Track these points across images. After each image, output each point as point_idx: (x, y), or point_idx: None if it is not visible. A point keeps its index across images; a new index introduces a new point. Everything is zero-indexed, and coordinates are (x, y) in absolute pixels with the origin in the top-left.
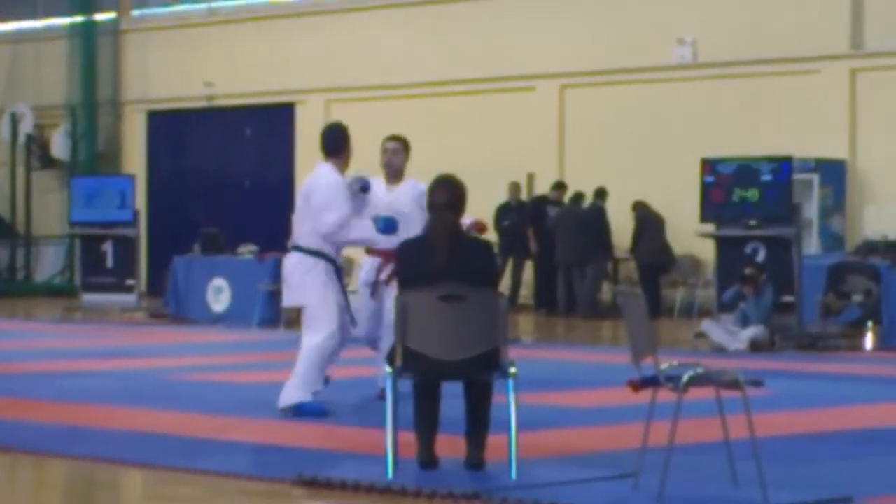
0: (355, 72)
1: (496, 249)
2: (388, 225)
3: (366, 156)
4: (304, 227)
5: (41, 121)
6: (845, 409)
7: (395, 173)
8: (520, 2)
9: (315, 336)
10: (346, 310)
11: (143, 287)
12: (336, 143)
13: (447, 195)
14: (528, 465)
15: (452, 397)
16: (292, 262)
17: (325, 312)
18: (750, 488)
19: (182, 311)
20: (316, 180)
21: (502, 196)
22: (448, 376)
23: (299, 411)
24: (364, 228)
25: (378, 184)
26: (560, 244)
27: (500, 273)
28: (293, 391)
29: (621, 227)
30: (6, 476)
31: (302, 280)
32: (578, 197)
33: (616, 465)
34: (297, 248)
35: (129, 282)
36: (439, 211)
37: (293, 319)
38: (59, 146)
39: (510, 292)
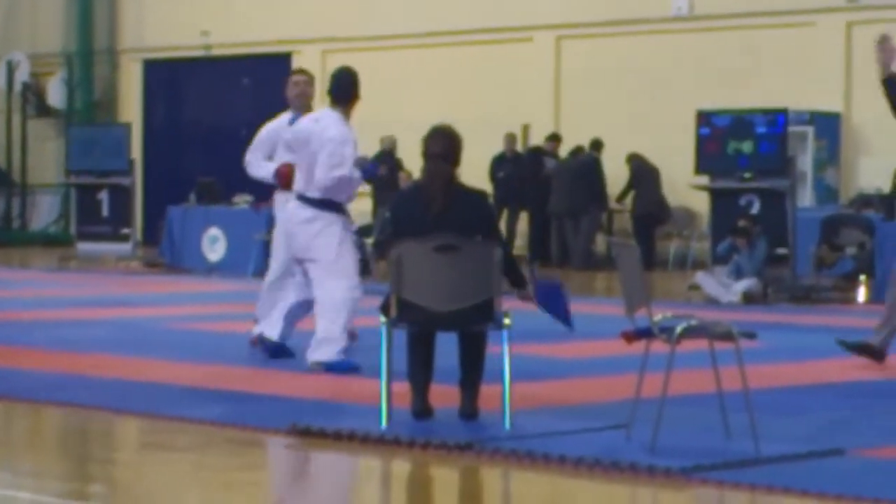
0: (351, 22)
1: (491, 200)
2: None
3: (361, 107)
4: (309, 175)
5: (37, 69)
6: (838, 361)
7: (306, 107)
8: None
9: (336, 290)
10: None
11: (139, 236)
12: (346, 89)
13: (442, 145)
14: (522, 416)
15: (447, 346)
16: (303, 216)
17: (346, 265)
18: (742, 440)
19: (177, 261)
20: (323, 130)
21: (498, 147)
22: (442, 327)
23: (331, 369)
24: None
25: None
26: (555, 195)
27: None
28: (323, 348)
29: (616, 179)
30: (1, 424)
31: (316, 235)
32: (577, 150)
33: (609, 416)
34: (305, 199)
35: (125, 231)
36: (434, 161)
37: None
38: (55, 95)
39: None
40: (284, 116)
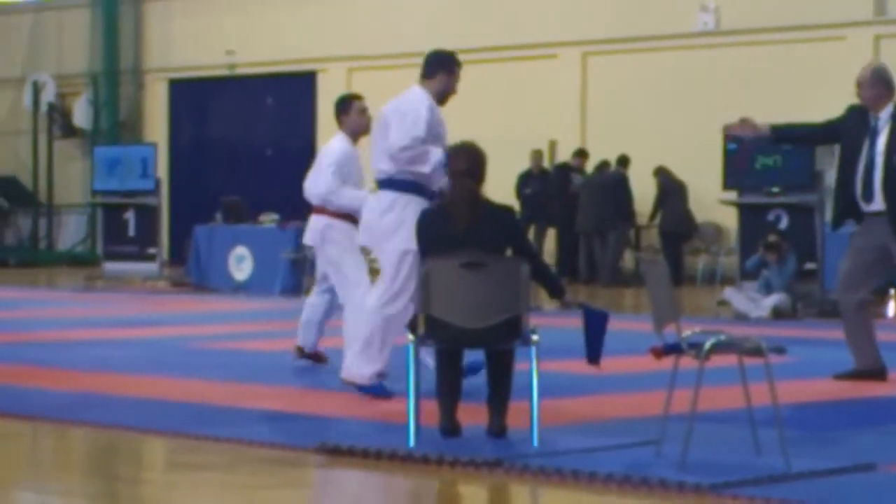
0: (377, 40)
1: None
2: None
3: None
4: (377, 155)
5: (63, 89)
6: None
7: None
8: None
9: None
10: None
11: (165, 256)
12: (435, 65)
13: (466, 162)
14: (551, 433)
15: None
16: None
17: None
18: (772, 456)
19: (204, 280)
20: (411, 106)
21: (524, 164)
22: (470, 344)
23: (363, 392)
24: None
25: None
26: (582, 212)
27: None
28: (358, 363)
29: (643, 195)
30: (28, 444)
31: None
32: (603, 165)
33: (638, 432)
34: (382, 184)
35: (151, 250)
36: (459, 178)
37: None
38: (80, 115)
39: None
40: (345, 142)
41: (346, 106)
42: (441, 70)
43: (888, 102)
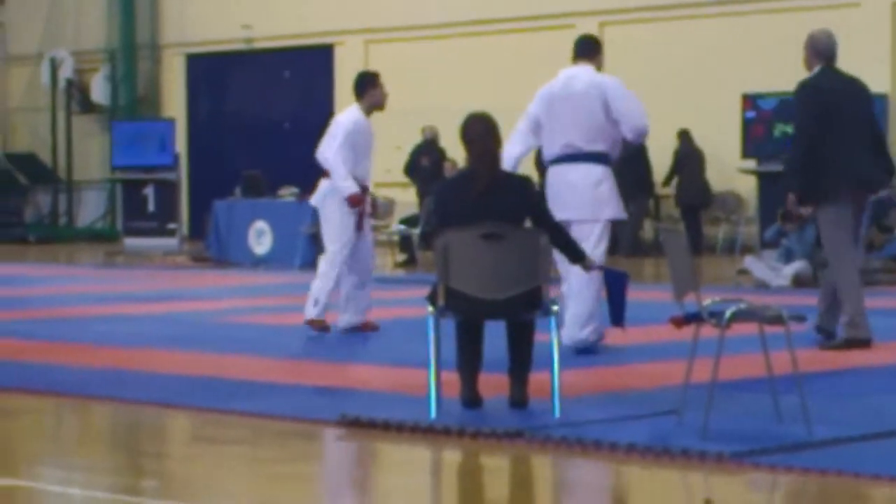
0: (393, 12)
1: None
2: None
3: (404, 97)
4: (580, 131)
5: (81, 66)
6: (889, 343)
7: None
8: None
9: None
10: None
11: (185, 231)
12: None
13: (483, 127)
14: (572, 403)
15: (495, 335)
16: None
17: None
18: (794, 424)
19: (224, 255)
20: (602, 83)
21: None
22: (490, 315)
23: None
24: None
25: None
26: None
27: None
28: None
29: (661, 165)
30: (51, 420)
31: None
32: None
33: (659, 402)
34: (586, 158)
35: (171, 225)
36: (480, 141)
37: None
38: (98, 91)
39: None
40: (358, 114)
41: (374, 80)
42: None
43: (814, 68)
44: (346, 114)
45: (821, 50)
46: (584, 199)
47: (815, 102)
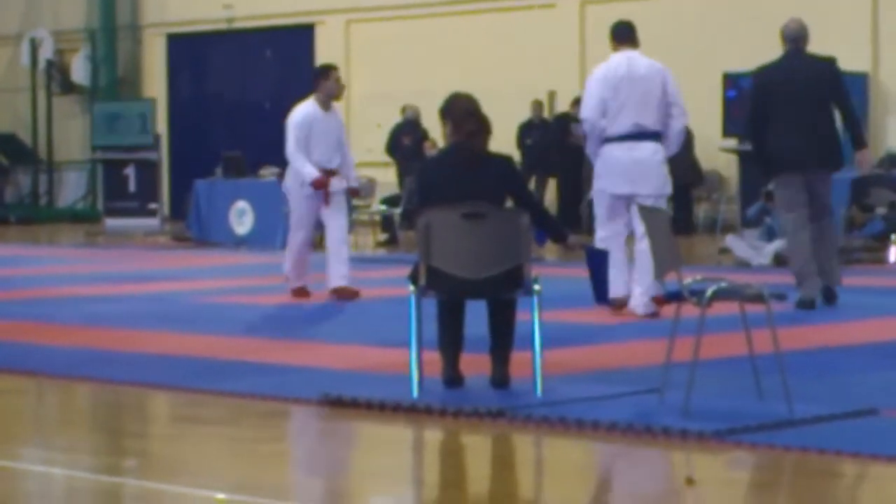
0: None
1: (518, 166)
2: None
3: (386, 77)
4: (647, 111)
5: (61, 46)
6: (869, 321)
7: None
8: None
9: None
10: None
11: (166, 211)
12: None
13: (465, 108)
14: (553, 382)
15: (476, 315)
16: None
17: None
18: (775, 402)
19: (205, 235)
20: (659, 72)
21: (524, 114)
22: (472, 295)
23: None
24: None
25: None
26: (587, 161)
27: None
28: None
29: None
30: (33, 400)
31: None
32: None
33: (641, 380)
34: (653, 136)
35: (152, 206)
36: (461, 125)
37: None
38: (79, 71)
39: None
40: (311, 106)
41: (326, 73)
42: None
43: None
44: (298, 108)
45: (786, 35)
46: (653, 176)
47: (757, 87)
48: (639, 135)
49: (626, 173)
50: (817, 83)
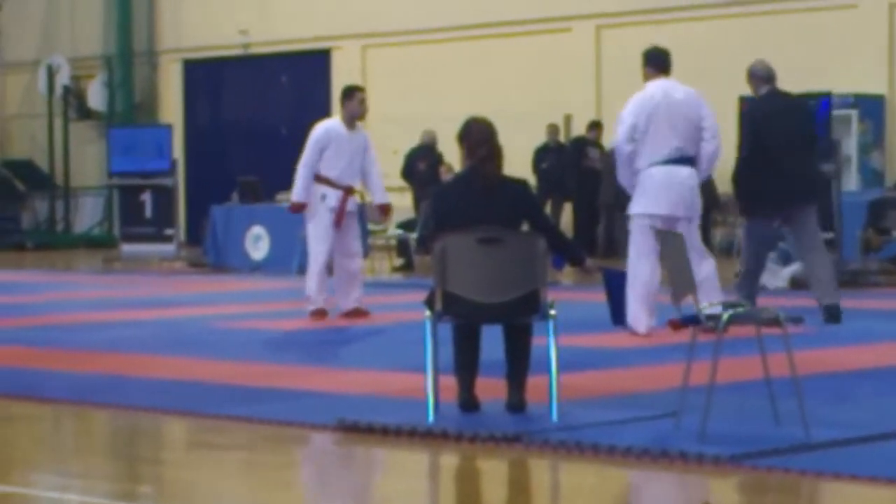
0: (390, 17)
1: (533, 190)
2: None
3: (401, 101)
4: (684, 136)
5: (77, 72)
6: (886, 345)
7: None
8: None
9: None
10: None
11: (182, 236)
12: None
13: (481, 132)
14: (569, 407)
15: (492, 339)
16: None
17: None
18: (792, 426)
19: (221, 260)
20: (697, 102)
21: (540, 138)
22: (488, 319)
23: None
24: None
25: (338, 123)
26: (603, 185)
27: None
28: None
29: None
30: (49, 426)
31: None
32: None
33: (657, 404)
34: (689, 161)
35: (168, 231)
36: (478, 149)
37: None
38: (95, 97)
39: None
40: (334, 122)
41: (350, 93)
42: None
43: (761, 92)
44: (321, 123)
45: (760, 75)
46: (689, 198)
47: (751, 125)
48: (678, 159)
49: (666, 195)
50: (801, 121)
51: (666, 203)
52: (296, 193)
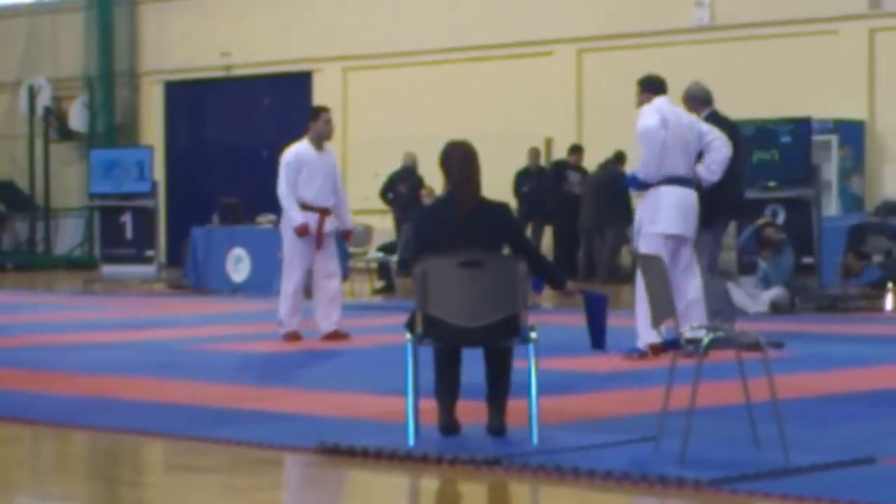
0: (371, 39)
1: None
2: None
3: (382, 123)
4: (692, 156)
5: (59, 93)
6: (866, 370)
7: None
8: None
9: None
10: None
11: (163, 258)
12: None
13: (462, 156)
14: (550, 431)
15: (473, 362)
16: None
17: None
18: (772, 451)
19: (202, 282)
20: (694, 122)
21: (521, 161)
22: (469, 342)
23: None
24: None
25: (306, 146)
26: (582, 209)
27: None
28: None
29: None
30: (29, 448)
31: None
32: (608, 163)
33: (637, 428)
34: (689, 182)
35: (149, 253)
36: (459, 173)
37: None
38: (76, 118)
39: None
40: (303, 146)
41: (315, 114)
42: None
43: (703, 114)
44: (290, 149)
45: (701, 98)
46: (694, 219)
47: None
48: (688, 180)
49: (683, 216)
50: (735, 141)
51: (682, 224)
52: (294, 218)
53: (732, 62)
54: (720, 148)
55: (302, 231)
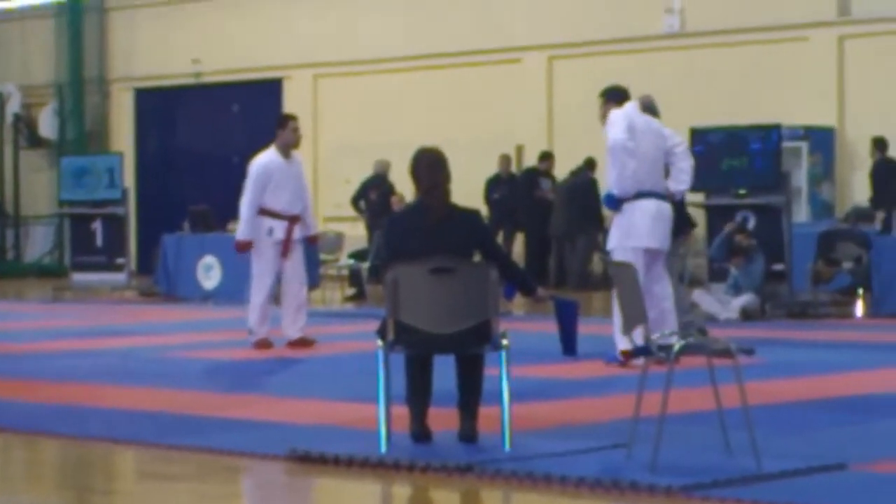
0: (342, 46)
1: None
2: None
3: (353, 131)
4: (661, 170)
5: (28, 100)
6: (837, 376)
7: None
8: None
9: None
10: None
11: (133, 266)
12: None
13: (432, 163)
14: (522, 437)
15: (444, 369)
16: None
17: None
18: (743, 457)
19: (172, 289)
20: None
21: (492, 169)
22: (440, 349)
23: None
24: None
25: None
26: (554, 216)
27: None
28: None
29: None
30: None
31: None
32: (579, 171)
33: (609, 435)
34: (661, 197)
35: (119, 260)
36: (429, 180)
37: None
38: (46, 125)
39: None
40: (270, 154)
41: (283, 122)
42: None
43: None
44: (258, 158)
45: (648, 108)
46: (668, 231)
47: None
48: (662, 194)
49: (660, 229)
50: None
51: (660, 237)
52: (241, 232)
53: (703, 69)
54: (684, 156)
55: (243, 247)
